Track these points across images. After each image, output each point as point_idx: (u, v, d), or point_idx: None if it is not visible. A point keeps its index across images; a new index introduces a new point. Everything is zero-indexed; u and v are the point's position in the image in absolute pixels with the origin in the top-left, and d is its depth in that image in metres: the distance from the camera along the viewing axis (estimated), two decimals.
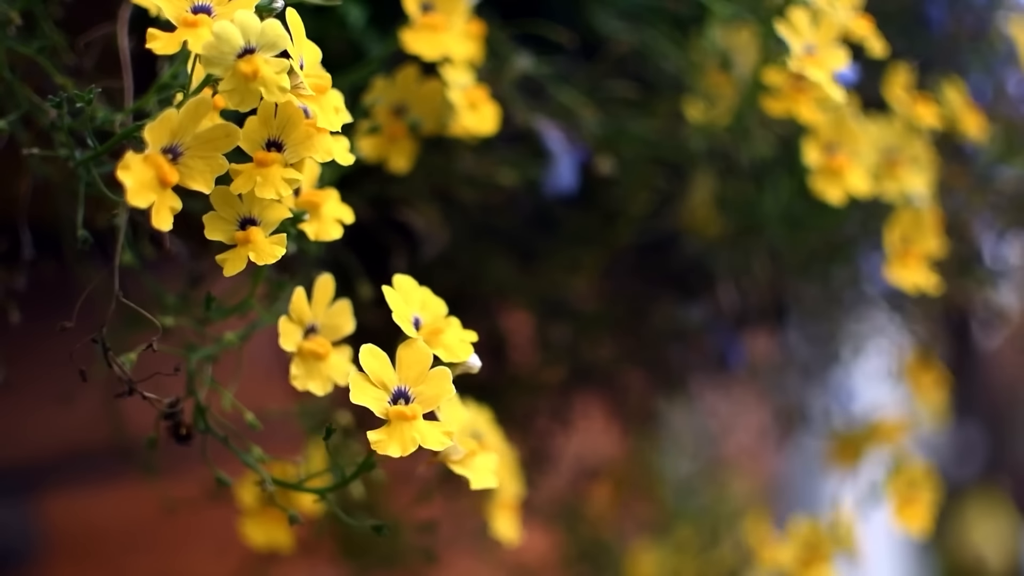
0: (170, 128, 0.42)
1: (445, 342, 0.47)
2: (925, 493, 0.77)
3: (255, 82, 0.42)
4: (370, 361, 0.44)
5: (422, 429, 0.44)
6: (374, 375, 0.44)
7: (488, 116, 0.57)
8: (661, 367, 0.85)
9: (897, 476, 0.77)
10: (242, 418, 0.51)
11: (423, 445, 0.44)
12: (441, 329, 0.47)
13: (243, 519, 0.58)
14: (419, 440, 0.44)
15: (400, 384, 0.45)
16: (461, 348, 0.47)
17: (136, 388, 0.45)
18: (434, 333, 0.47)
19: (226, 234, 0.44)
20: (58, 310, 0.48)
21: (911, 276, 0.66)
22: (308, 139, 0.44)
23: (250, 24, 0.42)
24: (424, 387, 0.45)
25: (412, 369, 0.45)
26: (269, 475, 0.48)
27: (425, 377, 0.45)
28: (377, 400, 0.44)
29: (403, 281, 0.48)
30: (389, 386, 0.45)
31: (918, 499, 0.77)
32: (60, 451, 0.84)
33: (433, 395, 0.45)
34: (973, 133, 0.69)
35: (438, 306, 0.48)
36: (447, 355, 0.46)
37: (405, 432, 0.44)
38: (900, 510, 0.77)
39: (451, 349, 0.47)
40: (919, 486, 0.77)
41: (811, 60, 0.58)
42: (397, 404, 0.44)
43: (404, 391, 0.45)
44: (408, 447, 0.44)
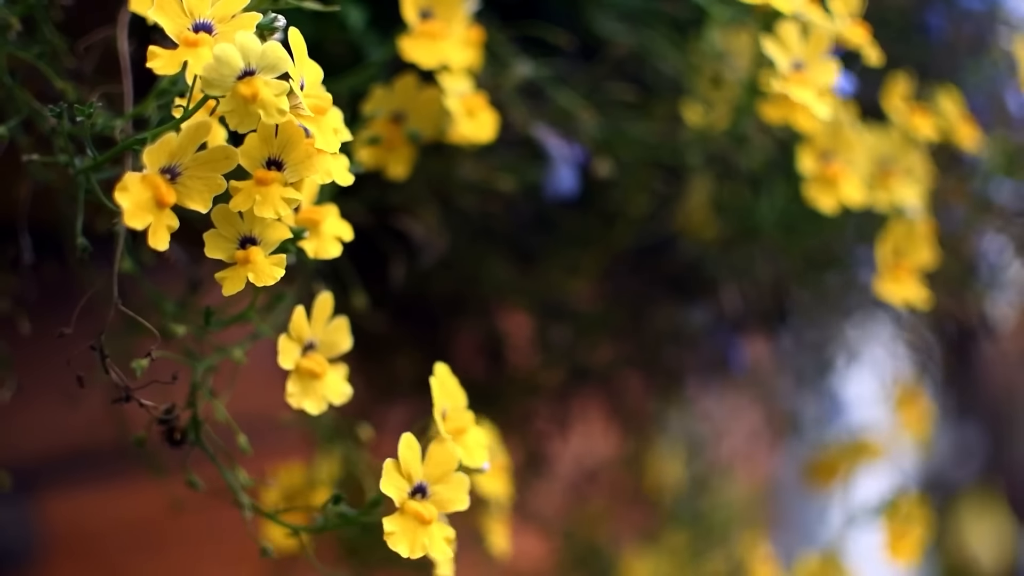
0: (169, 150, 0.42)
1: (467, 443, 0.49)
2: (917, 527, 0.78)
3: (254, 104, 0.42)
4: (406, 452, 0.46)
5: (432, 534, 0.46)
6: (405, 467, 0.46)
7: (486, 123, 0.57)
8: (659, 370, 0.85)
9: (892, 511, 0.78)
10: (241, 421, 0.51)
11: (429, 553, 0.46)
12: (464, 429, 0.49)
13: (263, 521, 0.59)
14: (427, 547, 0.46)
15: (423, 480, 0.47)
16: (479, 453, 0.49)
17: (133, 396, 0.45)
18: (458, 432, 0.49)
19: (226, 252, 0.44)
20: (60, 312, 0.48)
21: (901, 291, 0.66)
22: (308, 159, 0.44)
23: (251, 46, 0.42)
24: (442, 488, 0.47)
25: (438, 468, 0.47)
26: (249, 501, 0.49)
27: (447, 479, 0.47)
28: (399, 491, 0.46)
29: (442, 371, 0.49)
30: (414, 479, 0.46)
31: (910, 534, 0.78)
32: (60, 451, 0.84)
33: (449, 499, 0.47)
34: (967, 144, 0.69)
35: (461, 397, 0.50)
36: (467, 458, 0.48)
37: (418, 534, 0.46)
38: (892, 544, 0.78)
39: (471, 453, 0.49)
40: (912, 520, 0.78)
41: (798, 78, 0.58)
42: (414, 498, 0.46)
43: (423, 487, 0.47)
44: (416, 551, 0.46)
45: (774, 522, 1.49)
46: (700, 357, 0.84)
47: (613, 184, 0.68)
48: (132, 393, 0.45)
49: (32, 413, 0.76)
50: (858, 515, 0.79)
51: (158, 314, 0.52)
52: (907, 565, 0.79)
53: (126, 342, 0.49)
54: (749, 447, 1.00)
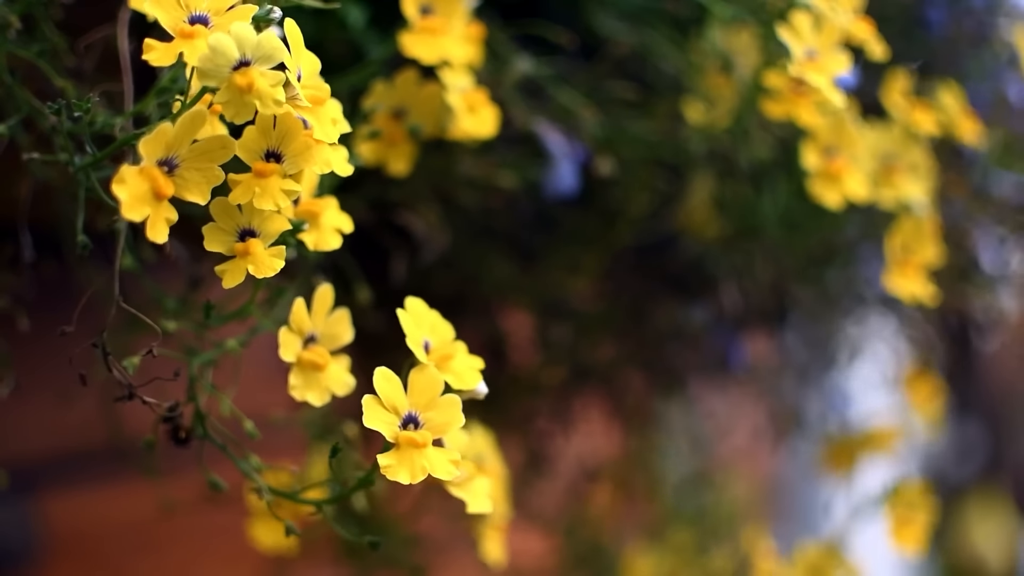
0: (165, 141, 0.42)
1: (455, 368, 0.48)
2: (922, 514, 0.78)
3: (250, 95, 0.41)
4: (383, 385, 0.45)
5: (431, 457, 0.45)
6: (386, 399, 0.45)
7: (487, 119, 0.57)
8: (661, 368, 0.85)
9: (895, 497, 0.77)
10: (241, 422, 0.51)
11: (432, 473, 0.44)
12: (451, 355, 0.48)
13: (251, 521, 0.58)
14: (428, 468, 0.44)
15: (411, 409, 0.45)
16: (470, 375, 0.48)
17: (136, 393, 0.45)
18: (444, 359, 0.47)
19: (225, 245, 0.44)
20: (59, 311, 0.48)
21: (909, 286, 0.66)
22: (307, 150, 0.44)
23: (246, 37, 0.41)
24: (434, 413, 0.45)
25: (423, 395, 0.45)
26: (265, 484, 0.48)
27: (435, 403, 0.45)
28: (388, 424, 0.45)
29: (415, 304, 0.48)
30: (400, 411, 0.45)
31: (915, 520, 0.77)
32: (60, 451, 0.84)
33: (443, 422, 0.45)
34: (969, 138, 0.69)
35: (446, 330, 0.49)
36: (457, 382, 0.47)
37: (415, 459, 0.44)
38: (896, 531, 0.77)
39: (461, 376, 0.47)
40: (916, 507, 0.78)
41: (812, 65, 0.58)
42: (407, 429, 0.45)
43: (414, 416, 0.45)
44: (417, 475, 0.44)
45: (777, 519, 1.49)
46: (701, 355, 0.84)
47: (614, 182, 0.68)
48: (135, 391, 0.45)
49: (32, 413, 0.76)
50: (862, 506, 0.78)
51: (158, 312, 0.52)
52: (912, 553, 0.78)
53: (126, 340, 0.48)
54: (752, 444, 1.00)
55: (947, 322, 0.87)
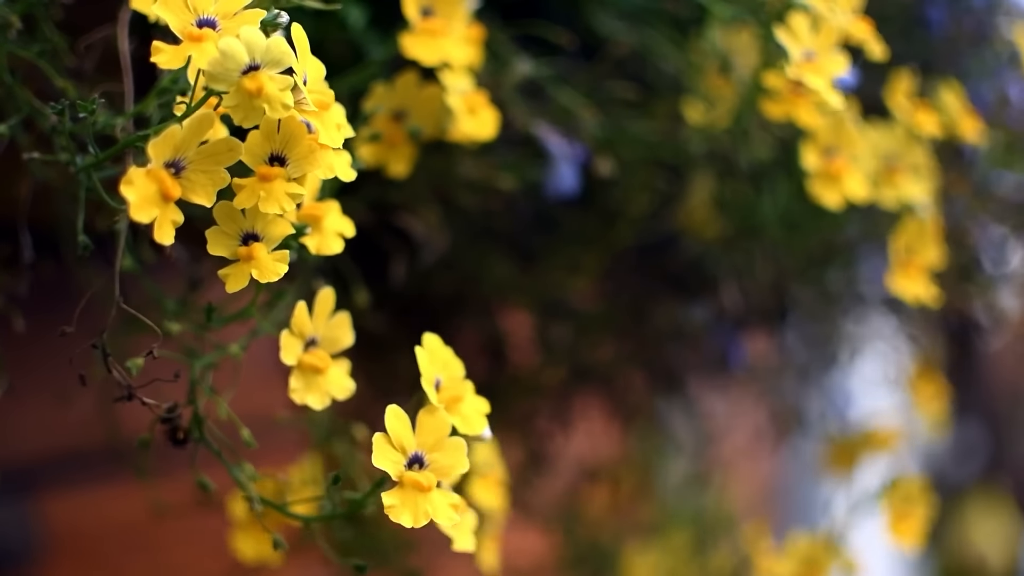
0: (173, 143, 0.42)
1: (463, 412, 0.48)
2: (919, 508, 0.78)
3: (259, 99, 0.42)
4: (394, 423, 0.45)
5: (435, 501, 0.45)
6: (395, 438, 0.45)
7: (487, 121, 0.57)
8: (661, 368, 0.85)
9: (893, 491, 0.77)
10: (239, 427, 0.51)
11: (434, 519, 0.45)
12: (460, 397, 0.48)
13: (233, 532, 0.58)
14: (431, 514, 0.45)
15: (418, 450, 0.46)
16: (477, 420, 0.48)
17: (136, 394, 0.45)
18: (453, 401, 0.48)
19: (229, 249, 0.44)
20: (58, 312, 0.48)
21: (912, 287, 0.66)
22: (311, 154, 0.44)
23: (256, 41, 0.42)
24: (439, 456, 0.46)
25: (431, 436, 0.46)
26: (257, 494, 0.49)
27: (442, 445, 0.46)
28: (394, 464, 0.45)
29: (431, 341, 0.49)
30: (407, 450, 0.46)
31: (912, 514, 0.77)
32: (60, 451, 0.84)
33: (447, 465, 0.46)
34: (970, 138, 0.69)
35: (457, 368, 0.49)
36: (464, 426, 0.47)
37: (419, 503, 0.45)
38: (894, 525, 0.77)
39: (468, 420, 0.48)
40: (914, 501, 0.78)
41: (810, 66, 0.58)
42: (412, 469, 0.45)
43: (420, 457, 0.46)
44: (420, 519, 0.45)
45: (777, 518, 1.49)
46: (702, 355, 0.84)
47: (614, 183, 0.68)
48: (135, 392, 0.45)
49: (31, 413, 0.76)
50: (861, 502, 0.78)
51: (157, 313, 0.52)
52: (910, 547, 0.78)
53: (125, 341, 0.48)
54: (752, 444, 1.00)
55: (948, 322, 0.87)
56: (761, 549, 0.79)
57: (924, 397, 0.84)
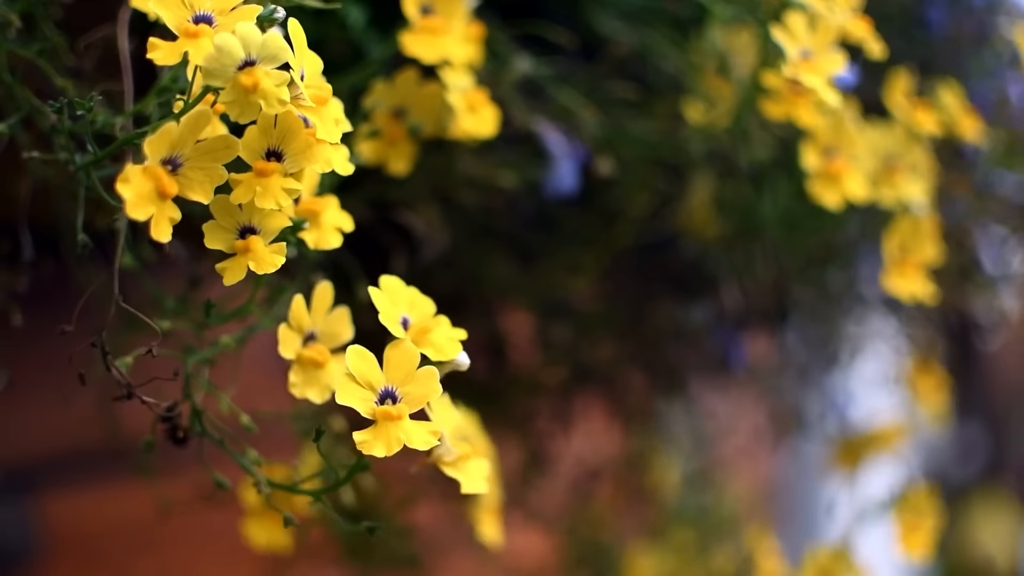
0: (169, 140, 0.42)
1: (433, 341, 0.47)
2: (928, 520, 0.77)
3: (255, 95, 0.42)
4: (357, 362, 0.45)
5: (408, 429, 0.44)
6: (361, 376, 0.45)
7: (488, 119, 0.57)
8: (661, 368, 0.85)
9: (903, 503, 0.77)
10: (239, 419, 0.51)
11: (408, 444, 0.44)
12: (429, 328, 0.47)
13: (245, 520, 0.58)
14: (404, 439, 0.44)
15: (387, 384, 0.45)
16: (450, 346, 0.47)
17: (135, 392, 0.45)
18: (422, 332, 0.47)
19: (226, 243, 0.44)
20: (57, 310, 0.48)
21: (908, 285, 0.66)
22: (308, 149, 0.44)
23: (251, 36, 0.42)
24: (411, 387, 0.45)
25: (399, 369, 0.45)
26: (264, 477, 0.48)
27: (412, 377, 0.45)
28: (364, 401, 0.44)
29: (390, 281, 0.48)
30: (376, 387, 0.45)
31: (922, 526, 0.77)
32: (60, 451, 0.84)
33: (420, 394, 0.45)
34: (970, 137, 0.69)
35: (426, 305, 0.48)
36: (435, 354, 0.46)
37: (391, 432, 0.44)
38: (904, 537, 0.77)
39: (439, 348, 0.47)
40: (923, 513, 0.77)
41: (807, 66, 0.58)
42: (384, 404, 0.44)
43: (391, 391, 0.45)
44: (393, 447, 0.44)
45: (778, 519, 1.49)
46: (702, 355, 0.84)
47: (614, 182, 0.68)
48: (134, 390, 0.45)
49: (32, 413, 0.76)
50: (868, 510, 0.78)
51: (157, 311, 0.52)
52: (920, 558, 0.78)
53: (125, 340, 0.48)
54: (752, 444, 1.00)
55: (948, 322, 0.87)
56: (763, 550, 0.79)
57: (924, 390, 0.84)
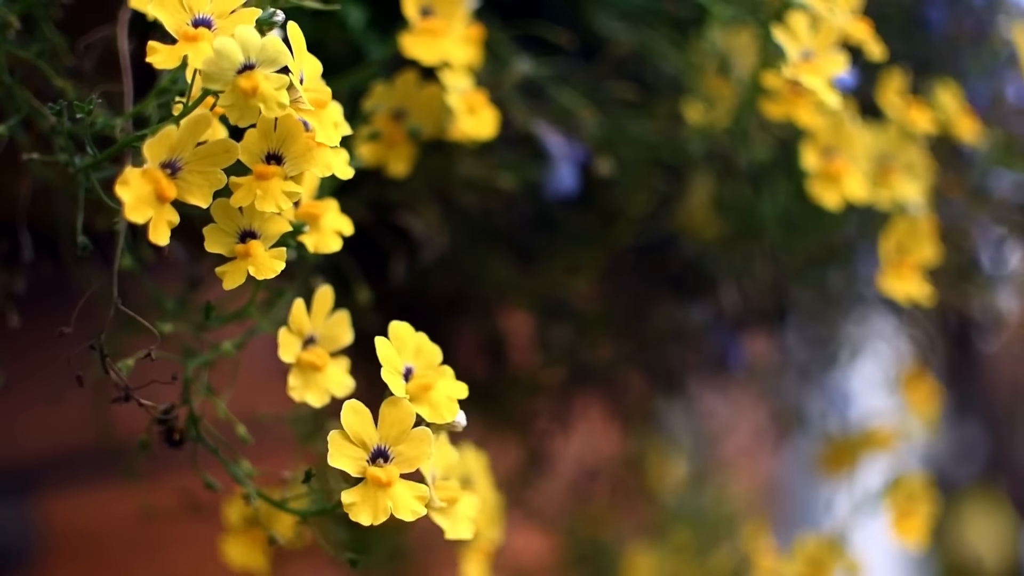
0: (169, 144, 0.42)
1: (432, 400, 0.46)
2: (923, 506, 0.77)
3: (254, 98, 0.42)
4: (351, 419, 0.44)
5: (396, 496, 0.44)
6: (354, 433, 0.44)
7: (487, 120, 0.57)
8: (660, 368, 0.85)
9: (896, 489, 0.77)
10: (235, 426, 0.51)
11: (395, 514, 0.44)
12: (431, 385, 0.46)
13: (225, 537, 0.57)
14: (391, 509, 0.44)
15: (380, 443, 0.44)
16: (447, 407, 0.46)
17: (132, 395, 0.45)
18: (423, 389, 0.46)
19: (226, 247, 0.44)
20: (56, 311, 0.48)
21: (904, 286, 0.66)
22: (308, 152, 0.44)
23: (251, 40, 0.42)
24: (404, 447, 0.44)
25: (393, 428, 0.44)
26: (255, 490, 0.48)
27: (407, 437, 0.44)
28: (355, 460, 0.44)
29: (398, 328, 0.47)
30: (369, 445, 0.44)
31: (916, 512, 0.77)
32: (60, 451, 0.84)
33: (412, 456, 0.44)
34: (967, 137, 0.69)
35: (433, 354, 0.47)
36: (431, 415, 0.45)
37: (379, 499, 0.44)
38: (898, 523, 0.77)
39: (437, 408, 0.46)
40: (917, 499, 0.77)
41: (808, 66, 0.58)
42: (375, 464, 0.44)
43: (383, 450, 0.44)
44: (380, 516, 0.43)
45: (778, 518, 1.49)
46: (701, 355, 0.84)
47: (614, 183, 0.68)
48: (131, 392, 0.45)
49: (32, 413, 0.76)
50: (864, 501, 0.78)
51: (156, 313, 0.52)
52: (914, 545, 0.78)
53: (123, 342, 0.48)
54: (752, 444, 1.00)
55: (947, 322, 0.87)
56: (761, 548, 0.79)
57: (917, 399, 0.84)
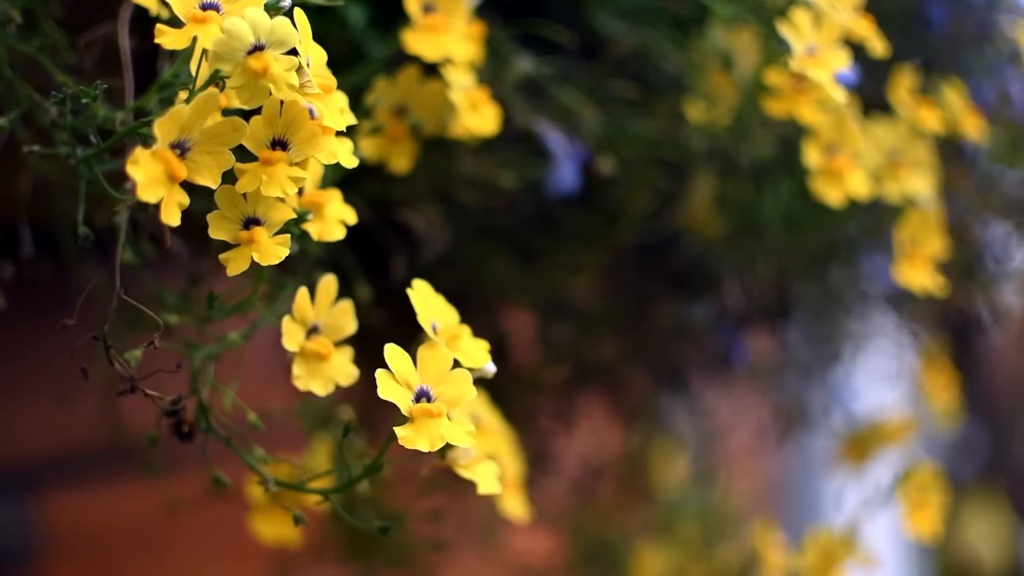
0: (179, 123, 0.42)
1: (463, 348, 0.48)
2: (935, 497, 0.77)
3: (265, 79, 0.42)
4: (395, 360, 0.45)
5: (448, 427, 0.45)
6: (399, 374, 0.45)
7: (489, 117, 0.57)
8: (663, 366, 0.85)
9: (908, 481, 0.77)
10: (245, 416, 0.51)
11: (450, 442, 0.45)
12: (458, 335, 0.48)
13: (252, 515, 0.58)
14: (446, 437, 0.45)
15: (422, 384, 0.46)
16: (479, 354, 0.48)
17: (138, 386, 0.45)
18: (452, 339, 0.48)
19: (230, 233, 0.44)
20: (57, 309, 0.48)
21: (919, 277, 0.66)
22: (313, 138, 0.44)
23: (261, 21, 0.42)
24: (445, 388, 0.46)
25: (433, 370, 0.46)
26: (271, 476, 0.48)
27: (446, 378, 0.46)
28: (402, 397, 0.45)
29: (422, 286, 0.49)
30: (412, 385, 0.45)
31: (928, 503, 0.77)
32: (60, 451, 0.84)
33: (454, 396, 0.46)
34: (973, 135, 0.69)
35: (451, 314, 0.49)
36: (466, 360, 0.47)
37: (432, 429, 0.45)
38: (911, 515, 0.77)
39: (469, 354, 0.48)
40: (929, 490, 0.77)
41: (813, 61, 0.58)
42: (420, 403, 0.45)
43: (426, 390, 0.46)
44: (436, 443, 0.44)
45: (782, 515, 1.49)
46: (704, 352, 0.84)
47: (615, 181, 0.68)
48: (137, 383, 0.45)
49: (33, 413, 0.76)
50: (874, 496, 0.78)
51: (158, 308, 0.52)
52: (927, 537, 0.78)
53: (126, 337, 0.48)
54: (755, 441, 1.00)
55: (949, 319, 0.87)
56: (769, 545, 0.79)
57: (934, 387, 0.84)
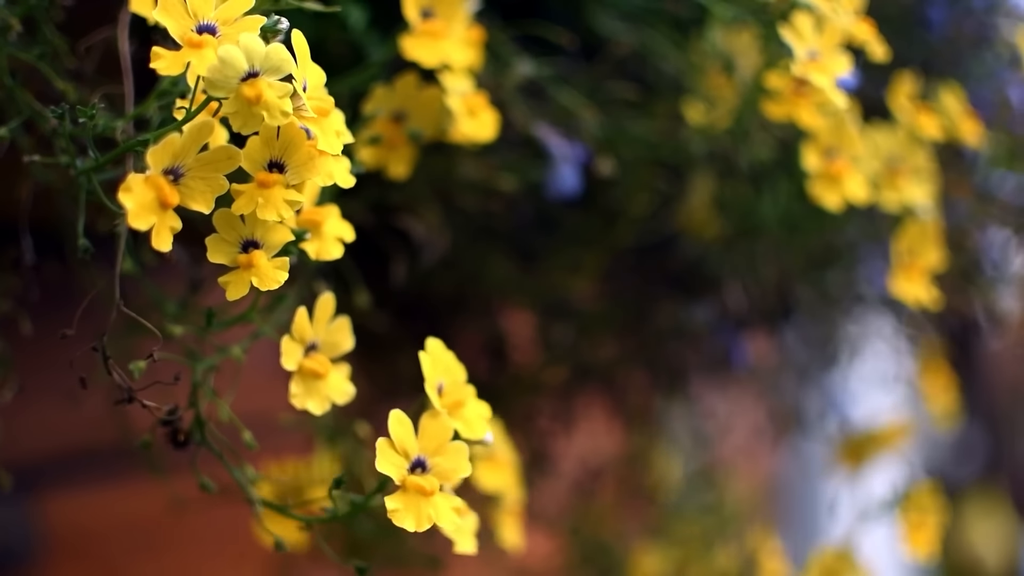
0: (172, 151, 0.42)
1: (465, 416, 0.48)
2: (932, 517, 0.78)
3: (258, 106, 0.42)
4: (397, 428, 0.46)
5: (437, 505, 0.45)
6: (398, 443, 0.46)
7: (487, 123, 0.57)
8: (662, 367, 0.85)
9: (907, 502, 0.77)
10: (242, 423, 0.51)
11: (436, 523, 0.45)
12: (462, 402, 0.48)
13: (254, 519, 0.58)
14: (434, 518, 0.45)
15: (420, 454, 0.46)
16: (479, 424, 0.48)
17: (136, 396, 0.45)
18: (456, 406, 0.48)
19: (229, 256, 0.44)
20: (60, 311, 0.48)
21: (914, 289, 0.66)
22: (310, 161, 0.44)
23: (255, 48, 0.42)
24: (442, 460, 0.46)
25: (433, 441, 0.46)
26: (259, 497, 0.49)
27: (444, 450, 0.46)
28: (397, 468, 0.45)
29: (434, 345, 0.49)
30: (410, 455, 0.46)
31: (927, 523, 0.77)
32: (60, 451, 0.84)
33: (450, 469, 0.46)
34: (971, 140, 0.69)
35: (460, 372, 0.49)
36: (466, 430, 0.48)
37: (421, 507, 0.45)
38: (910, 535, 0.77)
39: (470, 425, 0.48)
40: (927, 510, 0.77)
41: (815, 65, 0.58)
42: (415, 473, 0.46)
43: (422, 460, 0.46)
44: (423, 523, 0.45)
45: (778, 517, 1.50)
46: (703, 354, 0.84)
47: (615, 183, 0.68)
48: (135, 394, 0.45)
49: (33, 413, 0.76)
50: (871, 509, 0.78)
51: (159, 315, 0.52)
52: (925, 556, 0.78)
53: (127, 343, 0.48)
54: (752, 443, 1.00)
55: (948, 323, 0.87)
56: (766, 549, 0.79)
57: (933, 390, 0.84)
